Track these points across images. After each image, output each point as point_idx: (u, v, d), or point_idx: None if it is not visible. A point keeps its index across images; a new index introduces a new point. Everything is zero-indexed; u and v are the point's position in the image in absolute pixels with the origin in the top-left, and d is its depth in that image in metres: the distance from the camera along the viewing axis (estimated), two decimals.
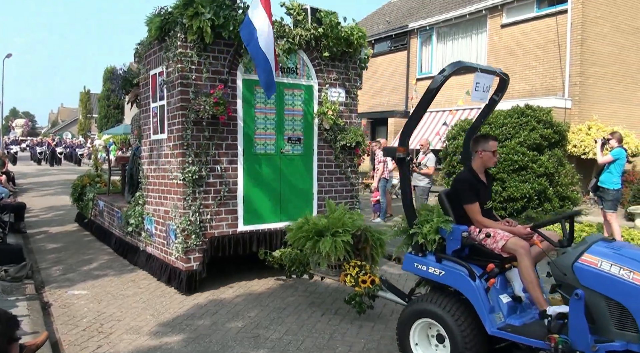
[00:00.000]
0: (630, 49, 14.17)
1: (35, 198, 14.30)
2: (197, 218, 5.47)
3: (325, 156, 6.55)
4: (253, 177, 5.90)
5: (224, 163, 5.68)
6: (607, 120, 12.77)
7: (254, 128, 5.89)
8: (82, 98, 47.32)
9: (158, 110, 5.95)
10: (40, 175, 22.91)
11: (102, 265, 6.90)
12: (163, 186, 5.91)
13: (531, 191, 8.86)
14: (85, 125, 45.44)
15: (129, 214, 6.82)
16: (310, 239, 4.57)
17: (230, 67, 5.66)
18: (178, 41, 5.29)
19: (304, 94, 6.31)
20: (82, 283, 5.98)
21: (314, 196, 6.46)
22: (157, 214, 6.12)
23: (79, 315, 4.90)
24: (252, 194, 5.90)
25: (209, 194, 5.59)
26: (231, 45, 5.64)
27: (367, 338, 4.34)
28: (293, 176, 6.24)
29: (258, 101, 5.92)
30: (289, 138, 6.20)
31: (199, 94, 5.33)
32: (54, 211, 12.06)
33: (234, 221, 5.79)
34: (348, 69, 6.73)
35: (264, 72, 4.90)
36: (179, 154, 5.43)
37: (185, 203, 5.41)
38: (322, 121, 6.40)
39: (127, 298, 5.43)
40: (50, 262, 7.03)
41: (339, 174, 6.70)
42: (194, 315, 4.87)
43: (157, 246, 6.18)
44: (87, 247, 8.14)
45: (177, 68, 5.33)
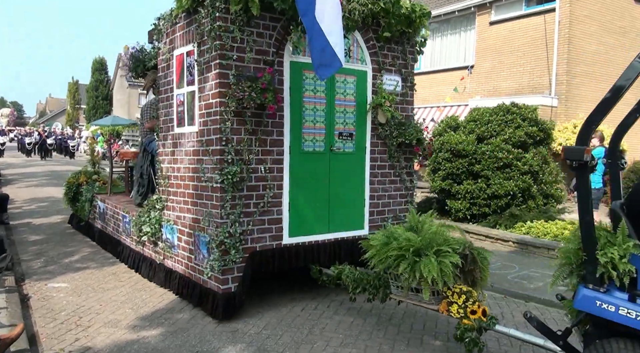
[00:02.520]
0: (617, 48, 14.63)
1: (20, 189, 14.47)
2: (236, 229, 4.68)
3: (378, 155, 5.80)
4: (300, 179, 5.13)
5: (268, 163, 4.90)
6: None
7: (302, 121, 5.12)
8: (71, 89, 47.76)
9: (185, 97, 5.14)
10: (26, 166, 22.97)
11: (83, 258, 7.10)
12: (191, 190, 5.11)
13: (515, 189, 9.15)
14: (73, 116, 46.01)
15: (143, 220, 6.01)
16: (405, 259, 3.80)
17: (277, 46, 4.87)
18: (217, 12, 4.49)
19: (357, 82, 5.54)
20: (63, 275, 6.13)
21: (365, 203, 5.71)
22: (182, 222, 5.32)
23: (57, 308, 5.04)
24: (299, 200, 5.13)
25: (251, 201, 4.81)
26: (278, 19, 4.85)
27: (345, 333, 4.52)
28: (343, 179, 5.49)
29: (307, 89, 5.15)
30: (340, 133, 5.43)
31: (241, 79, 4.54)
32: (38, 202, 12.27)
33: (278, 232, 5.01)
34: (405, 53, 5.97)
35: (319, 49, 4.12)
36: (215, 152, 4.64)
37: (223, 210, 4.62)
38: (376, 114, 5.64)
39: (107, 291, 5.61)
40: (31, 254, 7.21)
41: (392, 176, 5.96)
42: (173, 309, 5.04)
43: (179, 260, 5.39)
44: (70, 239, 8.34)
45: (215, 45, 4.53)
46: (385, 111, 5.56)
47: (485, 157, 9.29)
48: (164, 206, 5.74)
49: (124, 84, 36.29)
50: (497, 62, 15.04)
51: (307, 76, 5.12)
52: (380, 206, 5.85)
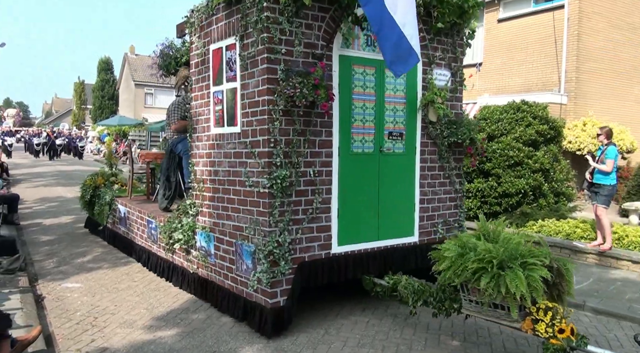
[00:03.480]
0: (626, 45, 14.65)
1: (29, 189, 14.55)
2: (285, 237, 4.38)
3: (428, 156, 5.48)
4: (349, 183, 4.82)
5: (317, 165, 4.59)
6: (602, 116, 13.09)
7: (351, 120, 4.81)
8: (77, 89, 48.07)
9: (225, 95, 4.83)
10: (34, 166, 23.25)
11: (96, 258, 7.13)
12: (232, 195, 4.81)
13: (526, 187, 9.19)
14: (79, 116, 46.38)
15: (174, 227, 5.71)
16: (487, 272, 3.48)
17: (326, 39, 4.56)
18: (264, 1, 4.17)
19: (407, 77, 5.21)
20: (76, 275, 6.17)
21: (415, 207, 5.39)
22: (220, 229, 5.02)
23: (72, 308, 5.06)
24: (348, 205, 4.82)
25: (299, 207, 4.50)
26: (327, 10, 4.54)
27: (361, 334, 4.52)
28: (393, 182, 5.17)
29: (356, 85, 4.84)
30: (390, 133, 5.12)
31: (291, 74, 4.22)
32: (48, 202, 12.35)
33: (327, 240, 4.71)
34: (455, 46, 5.65)
35: (390, 42, 3.80)
36: (263, 154, 4.33)
37: (271, 218, 4.31)
38: (427, 112, 5.32)
39: (121, 291, 5.63)
40: (43, 254, 7.22)
41: (442, 178, 5.64)
42: (188, 309, 5.07)
43: (217, 270, 5.09)
44: (81, 239, 8.37)
45: (263, 38, 4.22)
46: (437, 109, 5.24)
47: (496, 155, 9.34)
48: (198, 211, 5.43)
49: (130, 84, 36.13)
50: (506, 60, 14.88)
51: (357, 70, 4.82)
52: (430, 210, 5.54)
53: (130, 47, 38.21)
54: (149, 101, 35.74)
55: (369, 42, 4.90)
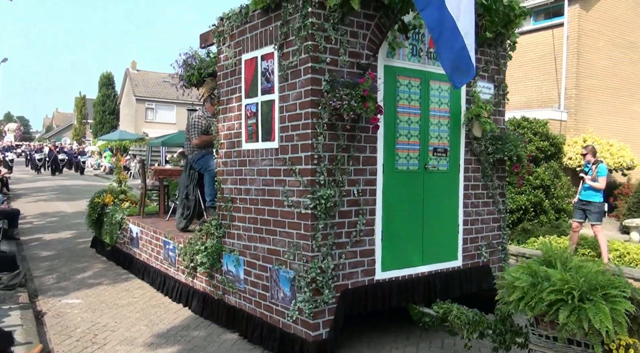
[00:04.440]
0: (625, 62, 15.05)
1: (29, 204, 14.71)
2: (329, 263, 4.05)
3: (472, 174, 5.19)
4: (393, 203, 4.52)
5: (361, 184, 4.28)
6: (602, 133, 13.41)
7: (395, 135, 4.52)
8: (77, 103, 48.52)
9: (259, 108, 4.55)
10: (34, 181, 23.67)
11: (96, 274, 7.21)
12: (267, 215, 4.49)
13: (527, 203, 9.38)
14: (80, 130, 46.78)
15: (197, 249, 5.37)
16: (566, 305, 3.15)
17: (371, 48, 4.29)
18: (309, 7, 3.91)
19: (451, 89, 4.95)
20: (76, 291, 6.22)
21: (459, 228, 5.08)
22: (252, 253, 4.69)
23: (72, 324, 5.10)
24: (392, 227, 4.51)
25: (342, 229, 4.18)
26: (372, 17, 4.29)
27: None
28: (437, 201, 4.87)
29: (401, 97, 4.56)
30: (435, 149, 4.83)
31: (337, 85, 3.94)
32: (48, 217, 12.45)
33: (370, 266, 4.38)
34: (498, 58, 5.41)
35: (452, 51, 3.54)
36: (305, 172, 4.02)
37: (314, 241, 3.99)
38: (471, 126, 5.04)
39: (121, 307, 5.68)
40: (43, 270, 7.31)
41: (485, 198, 5.34)
42: (189, 326, 5.10)
43: (247, 298, 4.75)
44: (81, 255, 8.45)
45: (307, 46, 3.95)
46: (482, 123, 4.96)
47: None
48: (225, 233, 5.11)
49: (131, 99, 36.16)
50: (508, 76, 15.42)
51: (402, 82, 4.55)
52: (473, 232, 5.23)
53: (132, 63, 38.44)
54: (150, 116, 35.68)
55: (415, 52, 4.64)
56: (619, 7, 14.91)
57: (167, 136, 24.70)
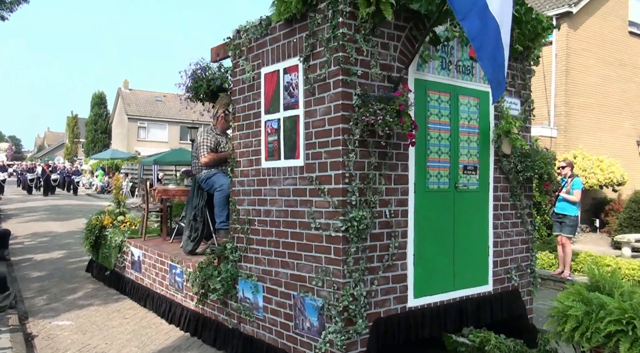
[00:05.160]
0: (615, 80, 15.31)
1: (20, 225, 14.57)
2: (361, 290, 3.76)
3: (501, 193, 4.96)
4: (424, 224, 4.26)
5: (393, 204, 4.02)
6: (592, 149, 13.61)
7: (426, 152, 4.28)
8: (69, 123, 48.69)
9: (281, 124, 4.29)
10: (25, 201, 23.42)
11: (87, 294, 7.17)
12: (290, 238, 4.20)
13: None
14: (72, 150, 46.75)
15: (209, 274, 5.05)
16: (626, 336, 2.90)
17: (402, 60, 4.08)
18: (340, 17, 3.69)
19: (480, 105, 4.74)
20: (67, 313, 6.20)
21: (489, 251, 4.83)
22: (272, 279, 4.38)
23: (62, 347, 5.05)
24: (424, 250, 4.25)
25: (374, 253, 3.91)
26: (402, 28, 4.08)
27: None
28: (467, 222, 4.63)
29: (432, 113, 4.34)
30: (465, 167, 4.60)
31: (370, 99, 3.71)
32: (39, 237, 12.41)
33: (402, 292, 4.10)
34: (523, 72, 5.23)
35: (494, 62, 3.34)
36: (335, 191, 3.76)
37: (345, 266, 3.70)
38: (501, 143, 4.83)
39: (112, 328, 5.65)
40: (34, 291, 7.26)
41: (514, 218, 5.10)
42: (180, 347, 5.07)
43: (267, 327, 4.43)
44: (72, 275, 8.38)
45: (338, 58, 3.72)
46: (513, 140, 4.75)
47: None
48: (241, 257, 4.80)
49: (123, 118, 36.05)
50: None
51: (432, 96, 4.33)
52: (503, 254, 4.98)
53: (124, 82, 38.47)
54: (142, 135, 35.48)
55: (444, 65, 4.44)
56: (606, 26, 15.15)
57: (159, 155, 24.51)
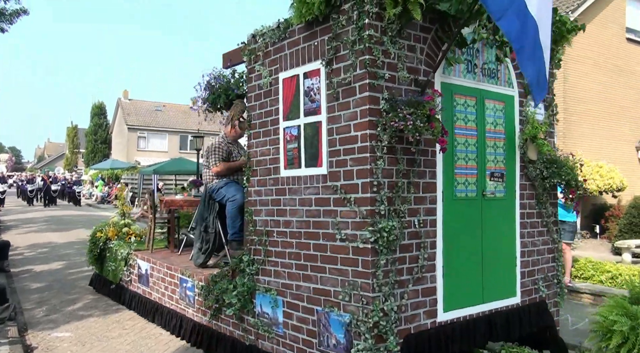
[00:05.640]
0: (614, 86, 15.19)
1: (20, 235, 14.59)
2: (391, 304, 3.55)
3: (527, 201, 4.77)
4: (453, 234, 4.06)
5: (421, 214, 3.82)
6: (592, 155, 13.40)
7: (454, 159, 4.10)
8: (69, 133, 48.68)
9: (302, 131, 4.11)
10: (25, 212, 23.35)
11: (86, 305, 7.18)
12: (312, 250, 4.00)
13: None
14: (72, 160, 46.85)
15: (224, 288, 4.84)
16: None
17: (428, 63, 3.91)
18: (366, 18, 3.52)
19: (505, 109, 4.57)
20: (66, 324, 6.19)
21: (517, 261, 4.63)
22: (294, 293, 4.17)
23: None
24: (453, 261, 4.05)
25: (404, 265, 3.71)
26: (428, 29, 3.91)
27: None
28: (495, 231, 4.43)
29: (458, 117, 4.16)
30: (492, 174, 4.42)
31: (398, 104, 3.53)
32: (39, 248, 12.40)
33: (432, 306, 3.89)
34: None
35: (535, 63, 3.17)
36: (363, 200, 3.56)
37: (375, 280, 3.50)
38: (527, 149, 4.65)
39: (111, 340, 5.63)
40: (33, 302, 7.27)
41: (540, 226, 4.91)
42: None
43: (289, 344, 4.21)
44: (72, 286, 8.36)
45: (364, 61, 3.54)
46: (539, 145, 4.57)
47: None
48: (258, 270, 4.59)
49: (123, 128, 35.99)
50: None
51: (458, 101, 4.16)
52: (530, 265, 4.78)
53: (124, 92, 38.46)
54: (142, 144, 35.38)
55: (470, 68, 4.27)
56: (604, 33, 15.11)
57: (158, 164, 24.34)
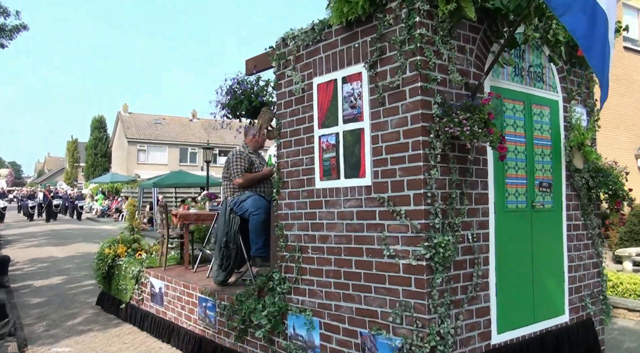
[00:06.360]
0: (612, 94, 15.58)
1: (20, 250, 14.50)
2: (447, 327, 3.22)
3: (572, 212, 4.47)
4: (504, 249, 3.75)
5: (474, 227, 3.51)
6: None
7: (504, 167, 3.80)
8: (69, 147, 48.59)
9: (341, 139, 3.80)
10: (25, 226, 23.11)
11: (86, 320, 7.11)
12: (354, 267, 3.67)
13: None
14: (72, 174, 46.55)
15: (252, 308, 4.49)
16: None
17: (477, 65, 3.63)
18: (417, 16, 3.24)
19: (551, 114, 4.29)
20: (66, 339, 6.14)
21: (565, 277, 4.31)
22: (333, 314, 3.84)
23: None
24: (505, 278, 3.74)
25: (458, 283, 3.39)
26: (477, 29, 3.64)
27: None
28: (544, 245, 4.13)
29: (507, 123, 3.88)
30: (540, 183, 4.13)
31: (451, 108, 3.24)
32: (39, 263, 12.28)
33: (486, 327, 3.56)
34: (588, 79, 4.80)
35: (603, 61, 2.90)
36: (416, 213, 3.25)
37: (430, 300, 3.17)
38: (572, 157, 4.37)
39: None
40: (33, 318, 7.22)
41: (585, 239, 4.61)
42: None
43: None
44: (72, 301, 8.30)
45: (415, 63, 3.26)
46: (587, 153, 4.30)
47: None
48: (290, 289, 4.25)
49: (123, 142, 35.73)
50: None
51: (507, 105, 3.88)
52: (577, 280, 4.48)
53: (124, 106, 38.32)
54: (142, 158, 35.09)
55: (517, 71, 3.99)
56: None
57: (158, 177, 24.01)
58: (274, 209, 4.51)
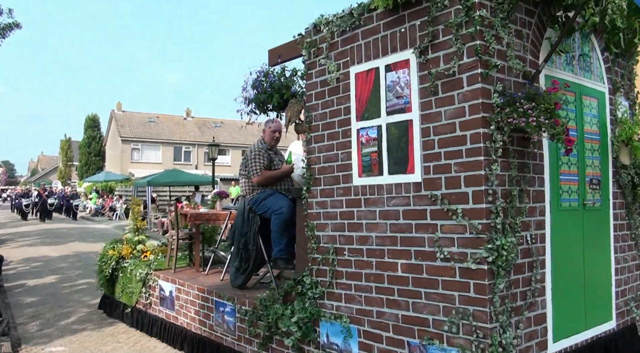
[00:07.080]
0: None
1: (13, 250, 14.30)
2: (509, 337, 2.92)
3: (618, 211, 4.20)
4: (558, 250, 3.46)
5: (532, 227, 3.22)
6: None
7: (558, 163, 3.51)
8: (63, 146, 48.03)
9: (384, 132, 3.49)
10: (18, 225, 22.74)
11: (80, 319, 7.03)
12: (400, 271, 3.36)
13: None
14: (65, 173, 45.86)
15: (279, 313, 4.16)
16: None
17: (533, 53, 3.34)
18: None
19: (599, 107, 4.02)
20: (60, 338, 6.07)
21: (612, 280, 4.04)
22: (375, 321, 3.52)
23: None
24: (559, 283, 3.45)
25: (517, 289, 3.09)
26: (532, 13, 3.36)
27: None
28: (593, 247, 3.85)
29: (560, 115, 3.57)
30: (590, 180, 3.84)
31: (514, 97, 2.94)
32: (32, 262, 12.13)
33: (542, 336, 3.28)
34: (630, 72, 4.53)
35: None
36: (476, 212, 2.95)
37: (492, 308, 2.87)
38: (619, 152, 4.10)
39: None
40: (27, 317, 7.14)
41: (629, 240, 4.34)
42: None
43: None
44: (66, 300, 8.20)
45: (475, 48, 2.95)
46: (635, 149, 4.03)
47: None
48: (323, 294, 3.92)
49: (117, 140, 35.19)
50: None
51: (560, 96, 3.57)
52: (622, 283, 4.21)
53: (117, 104, 37.75)
54: (136, 156, 34.58)
55: (568, 60, 3.71)
56: None
57: (152, 176, 23.63)
58: (303, 208, 4.18)
